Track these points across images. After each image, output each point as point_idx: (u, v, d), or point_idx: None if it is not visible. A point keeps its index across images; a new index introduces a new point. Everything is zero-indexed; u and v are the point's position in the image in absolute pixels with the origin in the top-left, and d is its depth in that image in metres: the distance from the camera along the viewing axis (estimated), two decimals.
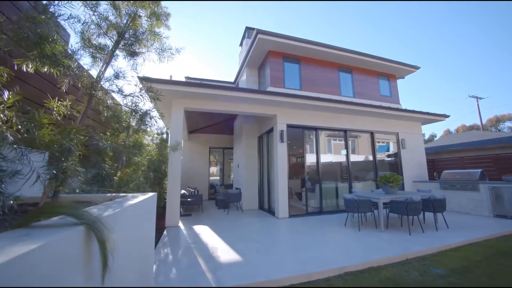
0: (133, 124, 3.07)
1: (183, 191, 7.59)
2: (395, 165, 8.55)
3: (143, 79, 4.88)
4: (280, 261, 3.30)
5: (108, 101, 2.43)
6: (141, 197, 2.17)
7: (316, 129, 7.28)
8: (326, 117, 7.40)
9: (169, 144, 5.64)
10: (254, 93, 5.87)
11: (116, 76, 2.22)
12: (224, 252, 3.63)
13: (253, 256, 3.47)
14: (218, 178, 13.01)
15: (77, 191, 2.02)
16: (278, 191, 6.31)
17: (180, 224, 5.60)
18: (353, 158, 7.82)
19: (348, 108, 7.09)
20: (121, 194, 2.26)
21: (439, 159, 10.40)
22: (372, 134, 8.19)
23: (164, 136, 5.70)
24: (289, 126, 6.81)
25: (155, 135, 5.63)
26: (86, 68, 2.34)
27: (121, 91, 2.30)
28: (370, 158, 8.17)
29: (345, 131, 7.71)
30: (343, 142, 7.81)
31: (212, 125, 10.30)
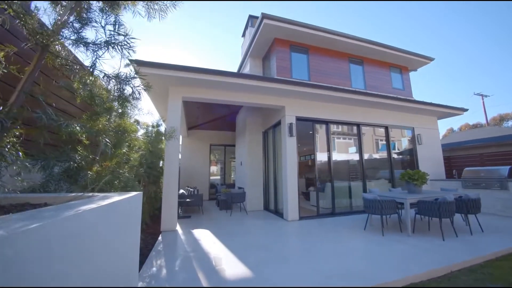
0: (116, 104, 2.42)
1: (181, 191, 6.95)
2: (411, 162, 7.92)
3: (134, 62, 4.24)
4: (299, 275, 2.66)
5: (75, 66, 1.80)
6: (116, 198, 1.53)
7: (327, 122, 6.64)
8: (338, 109, 6.76)
9: (165, 143, 5.01)
10: (261, 81, 5.24)
11: (83, 22, 1.57)
12: (230, 264, 2.99)
13: (266, 269, 2.83)
14: (218, 177, 12.37)
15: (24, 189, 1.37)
16: (287, 190, 5.67)
17: (178, 228, 4.96)
18: (362, 155, 7.18)
19: (362, 99, 6.46)
20: (87, 194, 1.62)
21: (455, 156, 9.78)
22: (386, 128, 7.55)
23: (161, 129, 5.07)
24: (298, 119, 6.17)
25: (150, 127, 4.99)
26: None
27: (94, 45, 1.65)
28: (376, 156, 7.54)
29: (358, 125, 7.07)
30: (350, 140, 7.18)
31: (213, 120, 9.66)
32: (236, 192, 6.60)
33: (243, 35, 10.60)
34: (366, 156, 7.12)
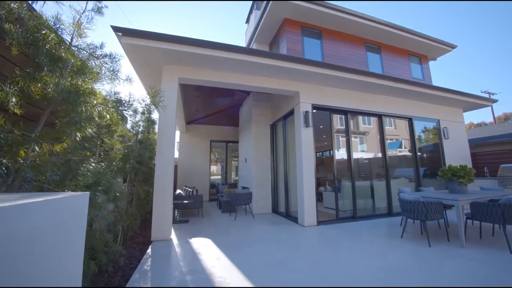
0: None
1: (178, 191, 6.06)
2: (436, 159, 7.07)
3: (119, 30, 3.38)
4: None
5: None
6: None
7: (346, 112, 5.77)
8: (358, 97, 5.90)
9: (157, 130, 4.12)
10: (275, 59, 4.36)
11: None
12: None
13: None
14: (219, 177, 11.49)
15: None
16: (303, 191, 4.79)
17: (173, 236, 4.08)
18: (368, 154, 6.30)
19: (386, 85, 5.59)
20: None
21: (480, 153, 8.95)
22: (410, 120, 6.69)
23: (153, 117, 4.18)
24: (314, 107, 5.30)
25: (138, 115, 4.10)
26: None
27: None
28: (389, 153, 6.68)
29: (379, 115, 6.21)
30: (357, 137, 6.33)
31: (214, 114, 8.78)
32: (241, 192, 5.71)
33: (247, 21, 9.74)
34: (375, 155, 6.25)
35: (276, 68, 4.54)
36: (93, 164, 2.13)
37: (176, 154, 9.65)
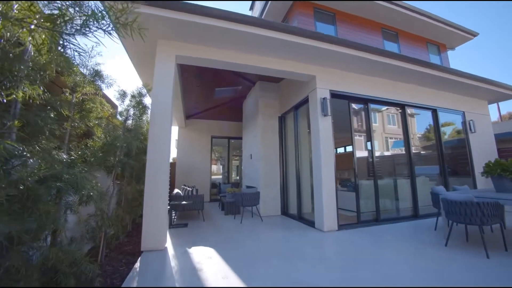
0: None
1: (176, 191, 5.36)
2: (460, 155, 6.39)
3: None
4: None
5: None
6: None
7: (367, 101, 5.09)
8: (379, 84, 5.22)
9: (150, 113, 3.42)
10: (289, 33, 3.67)
11: None
12: None
13: None
14: (220, 177, 10.81)
15: None
16: (322, 191, 4.10)
17: (169, 245, 3.38)
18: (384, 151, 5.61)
19: (416, 70, 4.90)
20: None
21: (506, 149, 8.28)
22: (435, 112, 6.01)
23: (146, 103, 3.49)
24: (332, 94, 4.61)
25: (129, 98, 3.40)
26: None
27: None
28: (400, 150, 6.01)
29: (403, 106, 5.53)
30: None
31: (216, 107, 8.09)
32: (248, 192, 5.01)
33: (251, 8, 9.06)
34: (384, 153, 5.56)
35: (289, 46, 3.85)
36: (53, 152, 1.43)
37: (175, 151, 8.94)
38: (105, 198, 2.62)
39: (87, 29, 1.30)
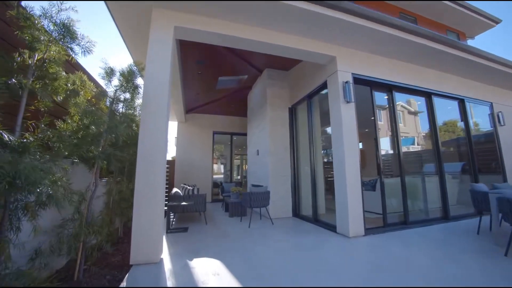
0: None
1: (175, 190, 4.75)
2: (487, 150, 5.80)
3: None
4: None
5: None
6: None
7: (391, 88, 4.49)
8: (404, 70, 4.61)
9: (143, 94, 2.80)
10: (313, 2, 3.05)
11: None
12: None
13: None
14: (220, 176, 10.21)
15: None
16: (346, 191, 3.49)
17: (165, 255, 2.77)
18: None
19: (452, 53, 4.29)
20: None
21: None
22: (462, 102, 5.42)
23: (138, 84, 2.88)
24: (355, 79, 4.00)
25: (117, 76, 2.79)
26: None
27: None
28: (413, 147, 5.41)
29: (429, 94, 4.93)
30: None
31: (218, 100, 7.47)
32: (257, 192, 4.40)
33: None
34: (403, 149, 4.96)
35: (309, 18, 3.24)
36: None
37: (173, 149, 8.32)
38: (81, 200, 2.01)
39: None
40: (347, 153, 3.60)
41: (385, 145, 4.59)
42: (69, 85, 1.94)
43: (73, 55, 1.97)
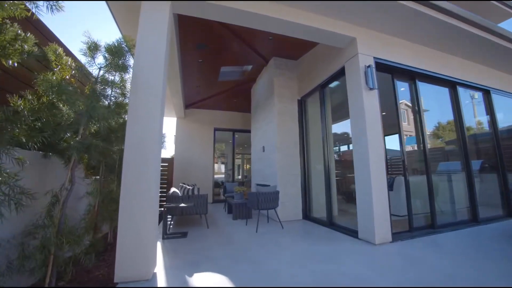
0: None
1: (173, 190, 4.27)
2: (507, 148, 5.33)
3: None
4: None
5: None
6: None
7: (414, 76, 4.03)
8: (428, 55, 4.14)
9: (132, 74, 2.32)
10: None
11: None
12: None
13: None
14: (221, 176, 9.74)
15: None
16: (372, 192, 3.02)
17: (160, 269, 2.29)
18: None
19: (485, 38, 3.84)
20: None
21: None
22: (488, 93, 4.97)
23: (129, 63, 2.41)
24: (377, 63, 3.53)
25: (104, 52, 2.32)
26: None
27: None
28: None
29: (454, 84, 4.47)
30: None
31: (219, 93, 7.00)
32: (265, 192, 3.93)
33: None
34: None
35: None
36: None
37: (172, 146, 7.84)
38: (55, 201, 1.53)
39: None
40: (371, 148, 3.13)
41: (391, 143, 4.11)
42: (26, 46, 1.45)
43: (34, 11, 1.48)
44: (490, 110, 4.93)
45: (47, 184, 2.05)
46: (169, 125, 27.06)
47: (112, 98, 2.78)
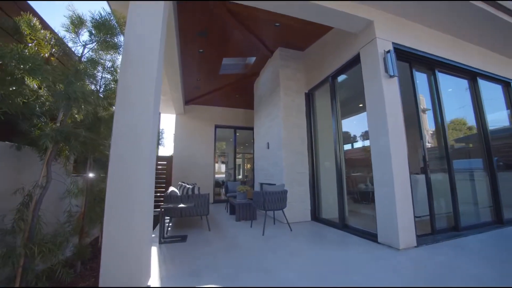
0: None
1: (171, 189, 3.93)
2: None
3: None
4: None
5: None
6: None
7: (433, 65, 3.71)
8: (447, 43, 3.82)
9: (122, 52, 2.00)
10: None
11: None
12: None
13: None
14: (222, 176, 9.42)
15: None
16: (394, 191, 2.69)
17: (154, 282, 1.95)
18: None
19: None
20: None
21: None
22: (508, 86, 4.65)
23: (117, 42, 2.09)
24: (395, 48, 3.21)
25: (91, 28, 2.00)
26: None
27: None
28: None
29: (474, 75, 4.16)
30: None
31: (220, 88, 6.68)
32: (272, 191, 3.60)
33: None
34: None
35: None
36: None
37: (171, 144, 7.50)
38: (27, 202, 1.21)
39: None
40: (393, 143, 2.80)
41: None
42: None
43: None
44: (511, 103, 4.61)
45: (21, 182, 1.72)
46: (168, 122, 26.62)
47: (102, 84, 2.47)
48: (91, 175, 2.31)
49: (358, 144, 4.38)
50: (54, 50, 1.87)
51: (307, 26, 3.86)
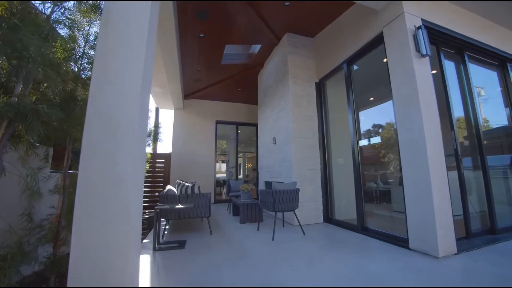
0: None
1: (169, 188, 3.52)
2: None
3: None
4: None
5: None
6: None
7: (462, 48, 3.30)
8: (477, 24, 3.42)
9: (103, 10, 1.59)
10: None
11: None
12: None
13: None
14: (222, 175, 9.00)
15: None
16: (432, 189, 2.28)
17: None
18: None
19: None
20: None
21: None
22: None
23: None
24: (425, 26, 2.80)
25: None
26: None
27: None
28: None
29: (504, 61, 3.75)
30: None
31: (222, 81, 6.26)
32: (283, 189, 3.18)
33: None
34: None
35: None
36: None
37: (170, 142, 7.08)
38: None
39: None
40: (428, 132, 2.39)
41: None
42: None
43: None
44: None
45: None
46: (167, 118, 26.21)
47: (85, 64, 2.07)
48: (67, 169, 1.90)
49: (373, 140, 3.99)
50: (14, 7, 1.46)
51: (320, 5, 3.46)
